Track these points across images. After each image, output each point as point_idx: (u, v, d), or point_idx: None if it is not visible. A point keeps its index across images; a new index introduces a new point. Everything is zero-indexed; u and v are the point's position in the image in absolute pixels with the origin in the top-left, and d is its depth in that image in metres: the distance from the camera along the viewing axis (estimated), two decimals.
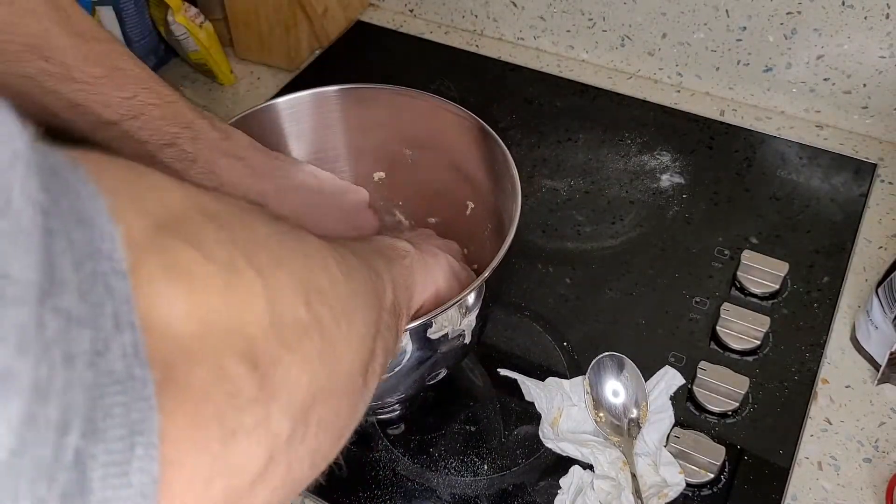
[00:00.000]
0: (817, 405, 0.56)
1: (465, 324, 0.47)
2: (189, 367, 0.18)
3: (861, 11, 0.69)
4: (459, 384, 0.60)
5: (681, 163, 0.74)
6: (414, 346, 0.45)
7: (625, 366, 0.56)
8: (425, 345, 0.46)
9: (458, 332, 0.46)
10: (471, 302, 0.46)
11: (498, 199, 0.55)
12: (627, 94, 0.81)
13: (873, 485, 0.52)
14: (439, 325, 0.45)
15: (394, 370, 0.46)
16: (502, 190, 0.54)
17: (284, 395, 0.21)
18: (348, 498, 0.53)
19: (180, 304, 0.18)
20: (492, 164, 0.55)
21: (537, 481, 0.53)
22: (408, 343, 0.45)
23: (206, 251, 0.20)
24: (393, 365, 0.45)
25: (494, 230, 0.56)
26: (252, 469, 0.20)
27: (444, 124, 0.58)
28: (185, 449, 0.18)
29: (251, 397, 0.20)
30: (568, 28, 0.85)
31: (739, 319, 0.59)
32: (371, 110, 0.60)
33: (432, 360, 0.48)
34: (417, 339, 0.45)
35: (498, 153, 0.54)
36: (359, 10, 0.93)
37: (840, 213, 0.68)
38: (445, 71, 0.85)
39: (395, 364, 0.45)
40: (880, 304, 0.55)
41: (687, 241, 0.67)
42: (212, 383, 0.19)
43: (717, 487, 0.52)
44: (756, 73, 0.77)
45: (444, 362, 0.50)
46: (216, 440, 0.19)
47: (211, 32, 0.82)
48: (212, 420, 0.19)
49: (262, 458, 0.21)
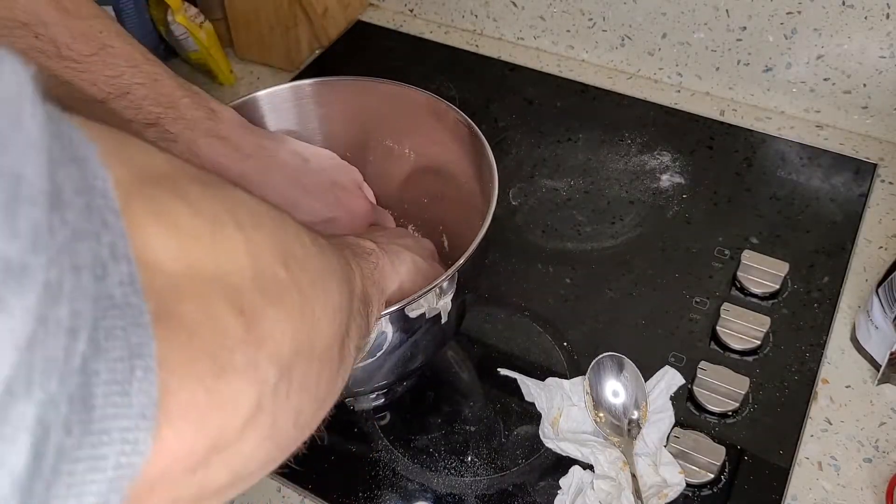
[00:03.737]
0: (817, 405, 0.56)
1: (441, 305, 0.48)
2: (180, 302, 0.19)
3: (861, 11, 0.69)
4: (460, 384, 0.60)
5: (681, 163, 0.74)
6: (393, 328, 0.46)
7: (625, 366, 0.56)
8: (403, 325, 0.47)
9: (434, 311, 0.48)
10: (444, 284, 0.47)
11: (479, 186, 0.55)
12: (627, 94, 0.81)
13: (873, 485, 0.52)
14: (416, 304, 0.46)
15: (375, 354, 0.47)
16: (482, 177, 0.54)
17: (270, 343, 0.22)
18: (348, 498, 0.53)
19: (170, 248, 0.19)
20: (472, 152, 0.56)
21: (537, 481, 0.53)
22: (387, 325, 0.46)
23: (193, 204, 0.21)
24: (374, 349, 0.46)
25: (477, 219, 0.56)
26: (243, 410, 0.21)
27: (422, 114, 0.59)
28: (180, 378, 0.18)
29: (239, 338, 0.21)
30: (568, 28, 0.85)
31: (739, 319, 0.59)
32: (348, 102, 0.61)
33: (412, 341, 0.49)
34: (396, 320, 0.46)
35: (476, 142, 0.54)
36: (359, 10, 0.93)
37: (840, 213, 0.68)
38: (445, 71, 0.85)
39: (376, 348, 0.46)
40: (880, 304, 0.55)
41: (687, 241, 0.67)
42: (202, 320, 0.19)
43: (717, 487, 0.52)
44: (756, 73, 0.77)
45: (423, 344, 0.51)
46: (209, 374, 0.19)
47: (211, 32, 0.82)
48: (204, 354, 0.19)
49: (251, 401, 0.21)
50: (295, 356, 0.24)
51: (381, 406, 0.58)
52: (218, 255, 0.21)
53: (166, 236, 0.19)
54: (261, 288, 0.22)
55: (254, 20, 0.85)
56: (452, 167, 0.59)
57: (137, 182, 0.19)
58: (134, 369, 0.16)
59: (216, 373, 0.20)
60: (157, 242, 0.19)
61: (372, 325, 0.39)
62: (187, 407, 0.19)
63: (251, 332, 0.21)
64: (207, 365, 0.19)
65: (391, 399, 0.59)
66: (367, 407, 0.58)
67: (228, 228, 0.22)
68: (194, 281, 0.20)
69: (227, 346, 0.20)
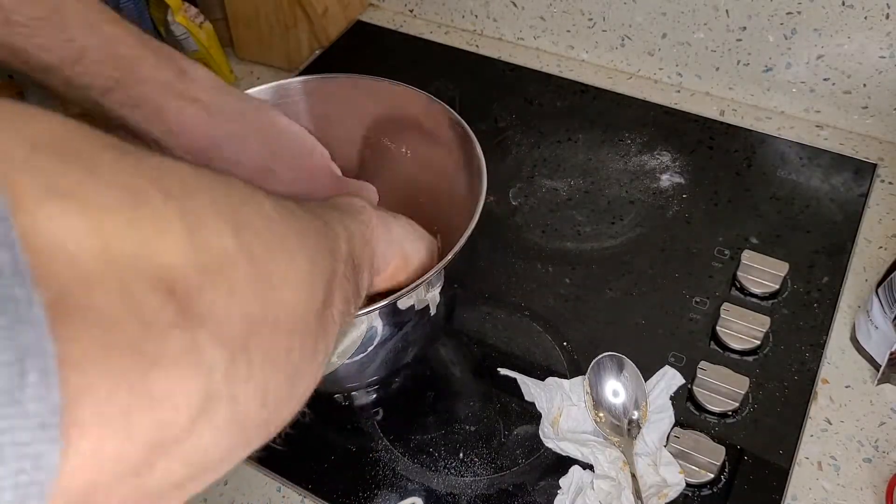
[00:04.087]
0: (817, 405, 0.56)
1: (430, 297, 0.48)
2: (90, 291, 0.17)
3: (861, 11, 0.69)
4: (460, 384, 0.60)
5: (681, 163, 0.74)
6: (383, 321, 0.46)
7: (625, 366, 0.56)
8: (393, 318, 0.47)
9: (423, 303, 0.48)
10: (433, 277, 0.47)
11: (472, 185, 0.55)
12: (627, 94, 0.81)
13: (873, 485, 0.52)
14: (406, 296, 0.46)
15: (367, 349, 0.47)
16: (471, 173, 0.54)
17: (212, 322, 0.20)
18: (348, 498, 0.53)
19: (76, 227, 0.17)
20: (465, 151, 0.56)
21: (537, 481, 0.53)
22: (377, 319, 0.46)
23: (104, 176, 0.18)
24: (365, 343, 0.46)
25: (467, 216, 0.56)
26: (187, 402, 0.19)
27: (412, 110, 0.59)
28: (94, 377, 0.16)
29: (170, 323, 0.19)
30: (568, 28, 0.85)
31: (739, 319, 0.59)
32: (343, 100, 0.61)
33: (402, 333, 0.49)
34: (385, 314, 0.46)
35: (465, 136, 0.55)
36: (359, 10, 0.93)
37: (840, 213, 0.68)
38: (445, 71, 0.85)
39: (366, 342, 0.46)
40: (880, 304, 0.55)
41: (687, 241, 0.67)
42: (121, 309, 0.17)
43: (717, 487, 0.52)
44: (756, 73, 0.77)
45: (413, 335, 0.51)
46: (134, 370, 0.17)
47: (211, 32, 0.82)
48: (126, 348, 0.17)
49: (197, 392, 0.19)
50: (251, 332, 0.22)
51: (375, 401, 0.58)
52: (141, 231, 0.19)
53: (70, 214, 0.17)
54: (199, 261, 0.20)
55: (254, 20, 0.85)
56: (447, 166, 0.59)
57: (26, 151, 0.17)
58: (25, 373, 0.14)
59: (144, 368, 0.18)
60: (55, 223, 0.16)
61: (362, 289, 0.37)
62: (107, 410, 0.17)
63: (186, 314, 0.19)
64: (131, 360, 0.17)
65: (385, 394, 0.59)
66: (364, 402, 0.58)
67: (155, 199, 0.19)
68: (110, 264, 0.17)
69: (155, 333, 0.18)
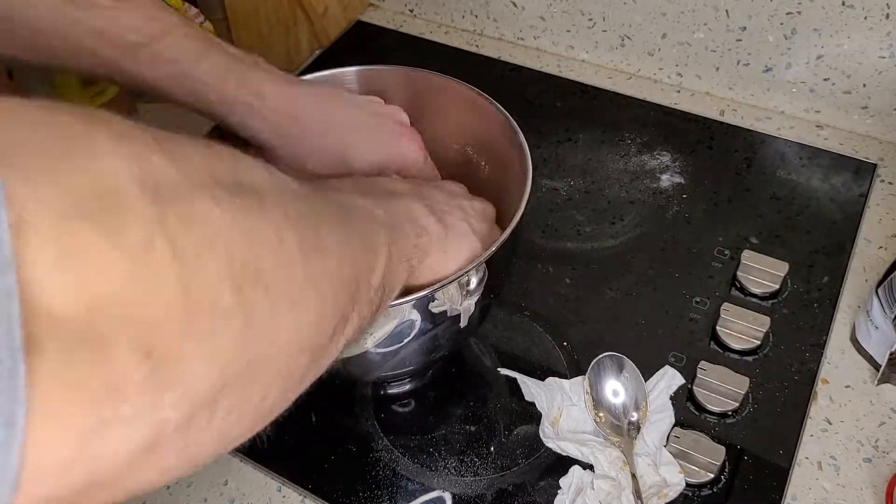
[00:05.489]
0: (817, 405, 0.56)
1: (464, 307, 0.47)
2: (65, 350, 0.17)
3: (861, 11, 0.69)
4: (459, 384, 0.60)
5: (681, 163, 0.74)
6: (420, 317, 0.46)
7: (625, 366, 0.56)
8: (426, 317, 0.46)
9: (455, 311, 0.47)
10: (472, 285, 0.46)
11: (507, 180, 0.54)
12: (627, 94, 0.81)
13: (873, 485, 0.52)
14: (440, 300, 0.45)
15: (403, 341, 0.47)
16: (511, 170, 0.53)
17: (181, 386, 0.20)
18: (348, 498, 0.53)
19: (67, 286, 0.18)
20: (501, 143, 0.55)
21: (537, 481, 0.53)
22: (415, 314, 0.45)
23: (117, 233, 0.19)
24: (402, 336, 0.46)
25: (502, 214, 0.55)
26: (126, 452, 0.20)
27: (464, 107, 0.59)
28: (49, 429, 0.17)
29: (136, 387, 0.19)
30: (568, 28, 0.85)
31: (739, 319, 0.59)
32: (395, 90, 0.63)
33: (432, 333, 0.48)
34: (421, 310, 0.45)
35: (509, 131, 0.54)
36: (359, 10, 0.93)
37: (840, 213, 0.68)
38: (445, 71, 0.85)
39: (404, 335, 0.46)
40: (880, 304, 0.55)
41: (687, 241, 0.67)
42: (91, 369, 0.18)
43: (717, 487, 0.52)
44: (756, 73, 0.77)
45: (443, 339, 0.51)
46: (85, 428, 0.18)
47: (211, 32, 0.82)
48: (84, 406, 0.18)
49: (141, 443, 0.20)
50: (223, 388, 0.22)
51: (376, 401, 0.58)
52: (134, 291, 0.19)
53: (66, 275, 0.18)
54: (187, 321, 0.20)
55: (254, 20, 0.85)
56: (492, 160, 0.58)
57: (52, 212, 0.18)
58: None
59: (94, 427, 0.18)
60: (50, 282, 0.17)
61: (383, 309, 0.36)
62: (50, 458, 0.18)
63: (155, 377, 0.19)
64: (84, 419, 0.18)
65: (385, 394, 0.59)
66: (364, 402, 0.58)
67: (159, 256, 0.20)
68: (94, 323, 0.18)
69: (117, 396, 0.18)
